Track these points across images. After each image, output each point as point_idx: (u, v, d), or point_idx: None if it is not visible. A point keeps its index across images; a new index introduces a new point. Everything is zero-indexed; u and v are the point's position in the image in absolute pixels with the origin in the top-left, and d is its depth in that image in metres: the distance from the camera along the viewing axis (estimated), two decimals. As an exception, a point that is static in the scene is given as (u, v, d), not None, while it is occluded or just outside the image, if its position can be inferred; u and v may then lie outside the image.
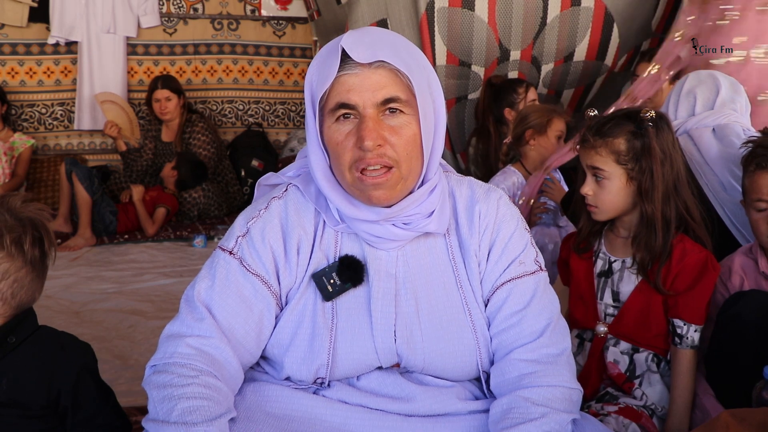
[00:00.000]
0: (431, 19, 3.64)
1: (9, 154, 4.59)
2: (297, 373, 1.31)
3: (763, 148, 1.81)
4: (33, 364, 1.40)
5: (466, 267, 1.37)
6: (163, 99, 4.72)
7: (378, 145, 1.23)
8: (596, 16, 3.79)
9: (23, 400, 1.38)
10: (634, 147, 1.75)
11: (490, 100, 3.74)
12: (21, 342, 1.41)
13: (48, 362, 1.41)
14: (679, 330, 1.76)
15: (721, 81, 2.36)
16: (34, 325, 1.45)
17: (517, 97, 3.62)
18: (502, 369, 1.32)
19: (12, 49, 5.07)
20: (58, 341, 1.46)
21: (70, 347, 1.46)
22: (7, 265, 1.38)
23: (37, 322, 1.47)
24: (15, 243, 1.37)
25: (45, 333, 1.47)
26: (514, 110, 3.56)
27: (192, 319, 1.28)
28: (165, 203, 4.51)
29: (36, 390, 1.39)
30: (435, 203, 1.33)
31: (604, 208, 1.81)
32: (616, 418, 1.70)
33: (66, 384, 1.41)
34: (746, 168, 1.85)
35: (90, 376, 1.46)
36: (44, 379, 1.39)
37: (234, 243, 1.34)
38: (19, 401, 1.38)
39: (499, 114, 3.67)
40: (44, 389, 1.39)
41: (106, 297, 3.25)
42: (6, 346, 1.39)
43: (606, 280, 1.87)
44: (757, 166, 1.80)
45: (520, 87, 3.65)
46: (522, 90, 3.63)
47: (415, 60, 1.28)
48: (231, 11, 5.43)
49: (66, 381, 1.41)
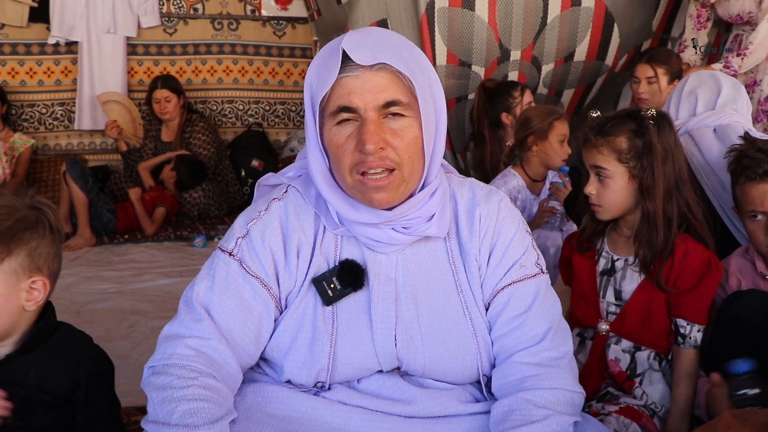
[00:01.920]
0: (431, 19, 3.64)
1: (9, 154, 4.59)
2: (297, 377, 1.31)
3: (749, 159, 1.80)
4: (60, 355, 1.45)
5: (467, 271, 1.36)
6: (163, 99, 4.71)
7: (380, 149, 1.22)
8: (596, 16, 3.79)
9: (49, 387, 1.43)
10: (635, 145, 1.76)
11: (484, 105, 3.67)
12: (49, 334, 1.46)
13: (74, 354, 1.47)
14: (683, 330, 1.77)
15: (723, 81, 2.36)
16: (55, 319, 1.51)
17: (513, 101, 3.55)
18: (504, 372, 1.32)
19: (12, 49, 5.07)
20: (81, 337, 1.53)
21: (91, 346, 1.53)
22: (50, 248, 1.44)
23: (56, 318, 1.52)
24: (49, 228, 1.44)
25: (68, 328, 1.53)
26: (511, 114, 3.51)
27: (191, 320, 1.28)
28: (164, 203, 4.51)
29: (62, 379, 1.44)
30: (435, 207, 1.32)
31: (608, 207, 1.81)
32: (617, 418, 1.70)
33: (85, 378, 1.46)
34: (736, 180, 1.84)
35: (106, 381, 1.51)
36: (69, 370, 1.45)
37: (234, 244, 1.34)
38: (45, 388, 1.43)
39: (495, 118, 3.61)
40: (69, 379, 1.45)
41: (106, 297, 3.25)
42: (39, 337, 1.44)
43: (608, 279, 1.87)
44: (747, 178, 1.79)
45: (516, 90, 3.58)
46: (518, 93, 3.56)
47: (417, 61, 1.27)
48: (231, 11, 5.42)
49: (86, 376, 1.46)
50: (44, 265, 1.42)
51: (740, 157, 1.84)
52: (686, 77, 2.47)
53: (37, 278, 1.40)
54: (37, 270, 1.40)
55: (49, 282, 1.44)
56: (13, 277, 1.37)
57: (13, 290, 1.38)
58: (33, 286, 1.41)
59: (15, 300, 1.39)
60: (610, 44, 3.90)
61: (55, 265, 1.46)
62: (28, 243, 1.39)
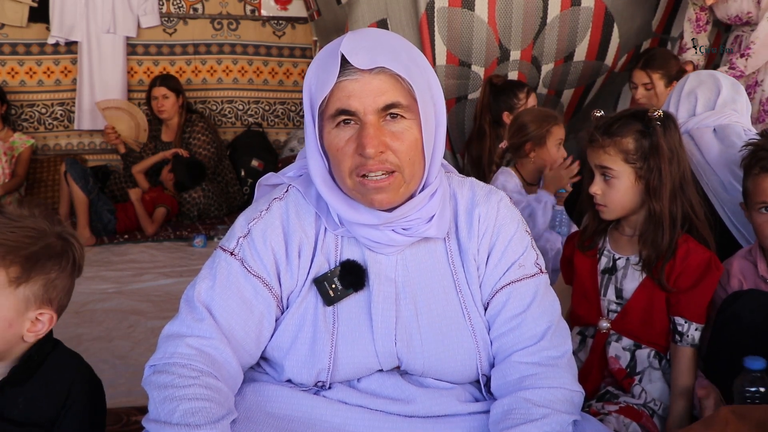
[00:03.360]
0: (431, 19, 3.64)
1: (9, 154, 4.59)
2: (298, 377, 1.31)
3: (766, 151, 1.81)
4: (51, 387, 1.37)
5: (465, 271, 1.36)
6: (161, 96, 4.73)
7: (380, 152, 1.22)
8: (596, 16, 3.79)
9: (36, 418, 1.35)
10: (642, 146, 1.77)
11: (489, 99, 3.67)
12: (42, 361, 1.37)
13: (65, 385, 1.37)
14: (680, 328, 1.77)
15: (722, 81, 2.36)
16: (51, 341, 1.41)
17: (517, 101, 3.54)
18: (503, 371, 1.32)
19: (12, 49, 5.07)
20: (74, 363, 1.43)
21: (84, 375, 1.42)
22: (66, 282, 1.38)
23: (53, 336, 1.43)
24: (72, 263, 1.38)
25: (62, 352, 1.43)
26: (512, 114, 3.48)
27: (192, 319, 1.28)
28: (164, 203, 4.51)
29: (49, 409, 1.36)
30: (435, 208, 1.32)
31: (613, 207, 1.82)
32: (617, 418, 1.70)
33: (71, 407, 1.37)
34: (748, 171, 1.85)
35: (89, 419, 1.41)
36: (59, 400, 1.36)
37: (235, 243, 1.34)
38: (32, 420, 1.35)
39: (497, 115, 3.62)
40: (58, 408, 1.36)
41: (106, 297, 3.25)
42: (31, 365, 1.36)
43: (610, 277, 1.88)
44: (762, 169, 1.80)
45: (521, 92, 3.57)
46: (523, 95, 3.56)
47: (416, 63, 1.27)
48: (231, 11, 5.42)
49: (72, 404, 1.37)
50: (56, 299, 1.34)
51: (756, 150, 1.84)
52: (686, 77, 2.47)
53: (45, 311, 1.32)
54: (48, 302, 1.32)
55: (56, 317, 1.36)
56: (23, 304, 1.29)
57: (19, 318, 1.30)
58: (39, 318, 1.32)
59: (17, 328, 1.31)
60: (610, 44, 3.90)
61: (64, 301, 1.38)
62: (48, 273, 1.31)
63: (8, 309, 1.28)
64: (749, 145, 1.89)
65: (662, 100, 3.31)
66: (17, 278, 1.28)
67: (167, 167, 4.65)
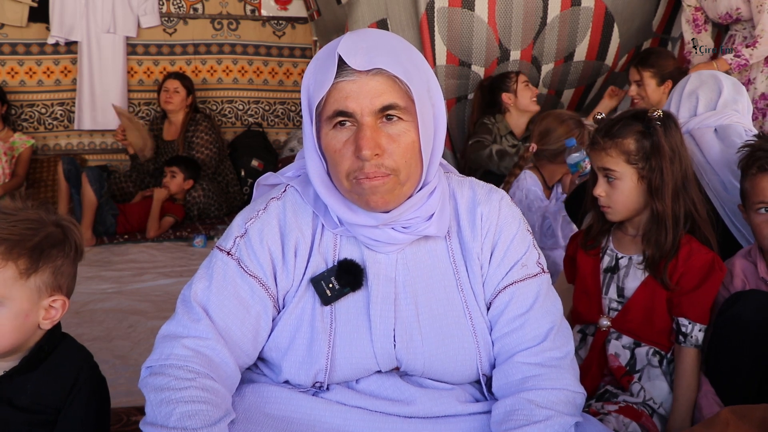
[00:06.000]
0: (431, 19, 3.64)
1: (9, 154, 4.59)
2: (295, 377, 1.31)
3: (764, 151, 1.81)
4: (58, 374, 1.40)
5: (468, 270, 1.36)
6: (172, 89, 4.77)
7: (375, 155, 1.21)
8: (596, 16, 3.79)
9: (44, 405, 1.38)
10: (643, 146, 1.78)
11: (479, 102, 3.87)
12: (52, 350, 1.42)
13: (72, 373, 1.41)
14: (684, 328, 1.77)
15: (724, 82, 2.36)
16: (60, 333, 1.46)
17: (510, 82, 3.75)
18: (506, 371, 1.31)
19: (12, 49, 5.07)
20: (82, 355, 1.46)
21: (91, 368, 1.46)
22: (71, 267, 1.42)
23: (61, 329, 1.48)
24: (74, 248, 1.42)
25: (70, 344, 1.47)
26: (511, 92, 3.72)
27: (188, 319, 1.27)
28: (174, 213, 4.51)
29: (56, 396, 1.39)
30: (434, 206, 1.32)
31: (618, 209, 1.83)
32: (617, 417, 1.70)
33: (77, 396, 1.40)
34: (746, 171, 1.85)
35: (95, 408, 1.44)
36: (66, 387, 1.40)
37: (232, 243, 1.34)
38: (40, 407, 1.38)
39: (497, 105, 3.78)
40: (65, 395, 1.40)
41: (106, 297, 3.25)
42: (41, 353, 1.40)
43: (612, 276, 1.89)
44: (759, 169, 1.80)
45: (509, 76, 3.78)
46: (513, 75, 3.77)
47: (414, 64, 1.26)
48: (231, 11, 5.42)
49: (78, 393, 1.41)
50: (65, 284, 1.40)
51: (753, 151, 1.85)
52: (687, 77, 2.46)
53: (57, 297, 1.37)
54: (58, 288, 1.37)
55: (68, 301, 1.41)
56: (36, 294, 1.34)
57: (34, 308, 1.35)
58: (53, 305, 1.38)
59: (34, 317, 1.36)
60: (610, 44, 3.90)
61: (72, 285, 1.44)
62: (54, 261, 1.36)
63: (23, 300, 1.33)
64: (746, 146, 1.89)
65: (653, 98, 3.41)
66: (27, 270, 1.32)
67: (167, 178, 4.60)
